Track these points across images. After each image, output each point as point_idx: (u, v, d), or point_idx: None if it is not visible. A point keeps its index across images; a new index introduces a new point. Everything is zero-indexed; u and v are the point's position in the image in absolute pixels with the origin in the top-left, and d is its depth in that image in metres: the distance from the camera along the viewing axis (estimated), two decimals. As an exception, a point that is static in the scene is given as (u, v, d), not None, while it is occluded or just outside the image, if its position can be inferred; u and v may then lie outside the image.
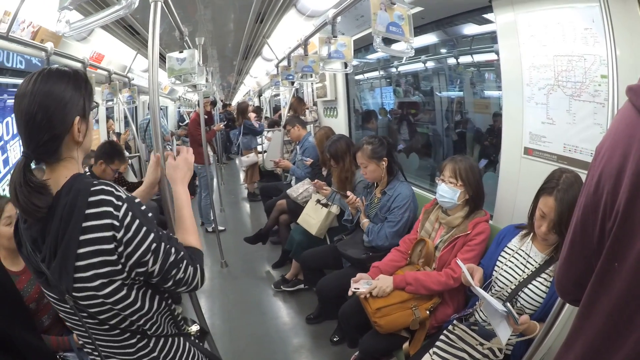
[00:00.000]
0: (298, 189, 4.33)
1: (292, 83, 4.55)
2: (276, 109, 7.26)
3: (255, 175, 7.46)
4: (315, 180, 3.78)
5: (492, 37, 2.81)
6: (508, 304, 1.65)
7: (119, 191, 1.09)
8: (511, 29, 2.24)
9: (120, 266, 1.05)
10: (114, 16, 1.33)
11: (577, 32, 1.87)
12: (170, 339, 1.26)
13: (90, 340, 1.14)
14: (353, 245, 2.98)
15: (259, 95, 14.09)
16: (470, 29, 3.08)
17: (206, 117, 5.62)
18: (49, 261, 1.04)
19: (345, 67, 3.19)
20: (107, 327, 1.12)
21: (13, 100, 1.05)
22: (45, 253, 1.04)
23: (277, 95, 7.71)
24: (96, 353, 1.18)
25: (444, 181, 2.30)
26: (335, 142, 3.54)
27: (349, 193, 3.12)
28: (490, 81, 3.07)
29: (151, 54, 1.67)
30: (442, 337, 1.97)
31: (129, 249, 1.06)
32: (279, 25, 4.84)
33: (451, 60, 3.52)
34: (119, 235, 1.04)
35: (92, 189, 1.05)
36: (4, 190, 3.46)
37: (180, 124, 12.19)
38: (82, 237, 1.01)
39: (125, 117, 7.12)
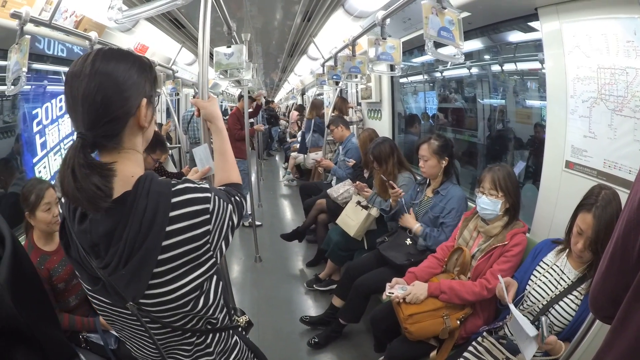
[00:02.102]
0: (339, 189, 4.35)
1: (337, 83, 4.56)
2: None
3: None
4: (357, 182, 3.78)
5: (535, 46, 2.75)
6: (543, 318, 1.64)
7: (196, 183, 1.04)
8: (557, 38, 2.21)
9: (205, 257, 1.03)
10: (168, 6, 1.33)
11: (620, 44, 1.83)
12: (224, 333, 1.23)
13: (151, 341, 1.09)
14: (396, 248, 2.98)
15: (302, 94, 14.18)
16: (514, 36, 3.03)
17: (251, 110, 5.67)
18: (114, 268, 0.96)
19: (392, 69, 3.18)
20: (169, 329, 1.08)
21: (63, 85, 0.95)
22: (110, 260, 0.96)
23: (321, 94, 7.70)
24: (153, 348, 1.14)
25: (484, 193, 2.28)
26: (379, 145, 3.53)
27: (392, 184, 3.12)
28: (532, 90, 3.01)
29: (201, 47, 1.72)
30: (470, 348, 1.97)
31: (217, 231, 1.04)
32: (326, 24, 4.87)
33: (495, 67, 3.46)
34: (211, 227, 1.02)
35: (174, 189, 0.99)
36: (39, 172, 3.63)
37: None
38: (165, 243, 0.95)
39: (168, 108, 7.30)
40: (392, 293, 2.34)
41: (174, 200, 0.97)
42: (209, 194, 1.02)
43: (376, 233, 3.55)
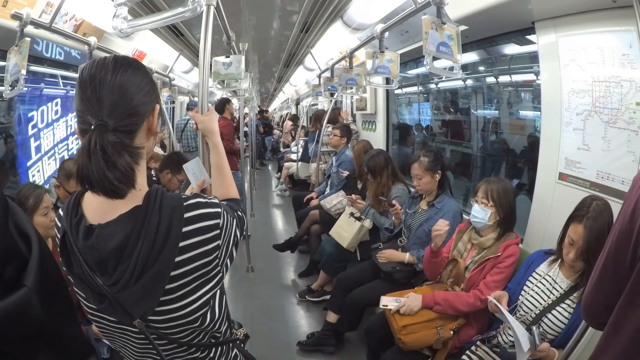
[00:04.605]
0: (332, 201, 4.36)
1: (332, 94, 4.58)
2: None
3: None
4: (352, 194, 3.80)
5: (530, 57, 2.80)
6: (534, 328, 1.67)
7: (206, 198, 1.04)
8: (552, 51, 2.25)
9: (214, 272, 1.03)
10: (175, 18, 1.34)
11: (615, 57, 1.88)
12: (225, 347, 1.22)
13: (159, 358, 1.04)
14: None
15: (297, 104, 14.24)
16: (510, 48, 3.08)
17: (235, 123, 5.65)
18: (124, 285, 0.93)
19: (388, 82, 3.19)
20: (175, 345, 1.06)
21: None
22: (120, 276, 0.93)
23: (315, 104, 7.74)
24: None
25: (477, 202, 2.31)
26: (374, 157, 3.55)
27: (395, 202, 3.14)
28: (526, 101, 3.05)
29: (202, 58, 1.72)
30: (464, 357, 1.98)
31: (225, 246, 1.04)
32: (323, 36, 4.91)
33: (490, 79, 3.51)
34: (221, 242, 1.02)
35: (186, 204, 0.98)
36: (33, 176, 3.61)
37: None
38: (178, 259, 0.94)
39: (162, 116, 7.25)
40: (386, 306, 2.36)
41: (187, 215, 0.96)
42: (219, 209, 1.02)
43: (368, 244, 3.56)
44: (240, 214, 1.19)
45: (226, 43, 2.80)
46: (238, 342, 1.34)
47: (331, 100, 5.67)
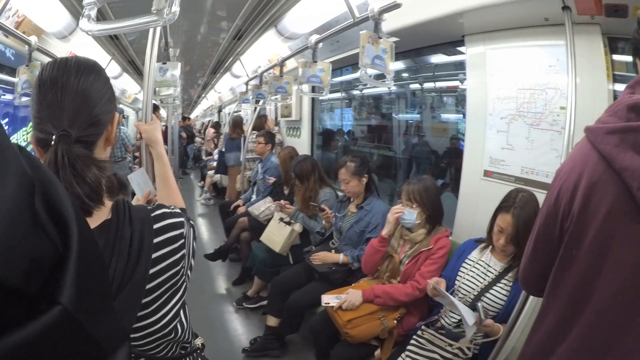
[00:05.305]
0: (260, 207, 4.37)
1: (257, 102, 4.60)
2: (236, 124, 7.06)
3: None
4: (280, 201, 3.84)
5: (455, 65, 3.03)
6: (478, 304, 1.84)
7: (169, 207, 1.02)
8: (480, 62, 2.46)
9: (181, 282, 1.00)
10: (146, 25, 1.30)
11: (542, 68, 2.12)
12: (191, 357, 1.20)
13: None
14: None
15: (219, 111, 13.96)
16: (437, 57, 3.29)
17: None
18: None
19: (313, 90, 3.26)
20: None
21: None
22: None
23: (238, 111, 7.65)
24: None
25: (402, 205, 2.48)
26: (300, 163, 3.62)
27: (324, 206, 3.24)
28: (449, 105, 3.28)
29: (148, 63, 1.70)
30: (412, 341, 2.10)
31: (188, 255, 1.03)
32: (255, 43, 4.89)
33: (414, 85, 3.71)
34: (185, 251, 1.00)
35: (153, 215, 0.96)
36: None
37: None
38: (152, 270, 0.91)
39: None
40: (328, 303, 2.44)
41: (156, 226, 0.94)
42: (182, 219, 1.01)
43: (300, 247, 3.63)
44: (192, 222, 1.16)
45: (164, 49, 2.75)
46: (198, 351, 1.35)
47: (255, 108, 5.66)
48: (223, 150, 7.30)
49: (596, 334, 0.94)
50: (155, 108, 5.82)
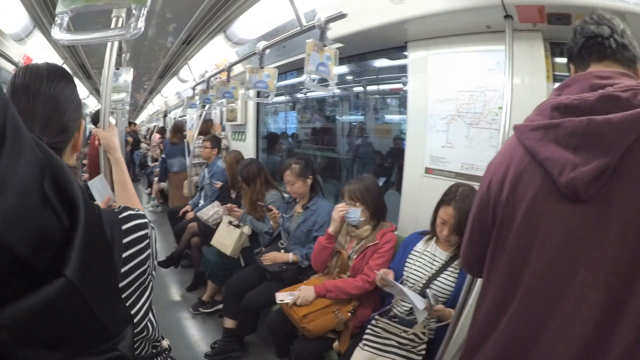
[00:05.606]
0: (208, 212, 4.36)
1: (203, 106, 4.59)
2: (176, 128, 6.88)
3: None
4: (229, 204, 3.85)
5: (399, 68, 3.15)
6: (428, 291, 1.98)
7: (134, 209, 1.03)
8: (422, 66, 2.59)
9: (148, 280, 1.01)
10: (114, 38, 1.30)
11: (482, 71, 2.28)
12: (161, 357, 1.21)
13: None
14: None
15: (165, 116, 13.60)
16: (380, 62, 3.41)
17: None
18: None
19: (259, 95, 3.28)
20: None
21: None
22: None
23: (183, 116, 7.51)
24: None
25: (346, 204, 2.58)
26: (247, 166, 3.67)
27: (271, 207, 3.29)
28: (392, 107, 3.42)
29: (107, 68, 1.70)
30: (368, 330, 2.19)
31: (152, 255, 1.03)
32: (204, 48, 4.82)
33: (358, 88, 3.84)
34: (150, 251, 1.01)
35: (120, 217, 0.97)
36: None
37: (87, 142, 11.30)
38: (123, 269, 0.92)
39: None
40: (283, 300, 2.50)
41: (124, 227, 0.96)
42: (146, 220, 1.04)
43: (250, 249, 3.68)
44: (152, 225, 1.16)
45: (117, 54, 2.72)
46: (167, 352, 1.34)
47: (201, 113, 5.62)
48: (164, 157, 7.11)
49: (535, 302, 1.07)
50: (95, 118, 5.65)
